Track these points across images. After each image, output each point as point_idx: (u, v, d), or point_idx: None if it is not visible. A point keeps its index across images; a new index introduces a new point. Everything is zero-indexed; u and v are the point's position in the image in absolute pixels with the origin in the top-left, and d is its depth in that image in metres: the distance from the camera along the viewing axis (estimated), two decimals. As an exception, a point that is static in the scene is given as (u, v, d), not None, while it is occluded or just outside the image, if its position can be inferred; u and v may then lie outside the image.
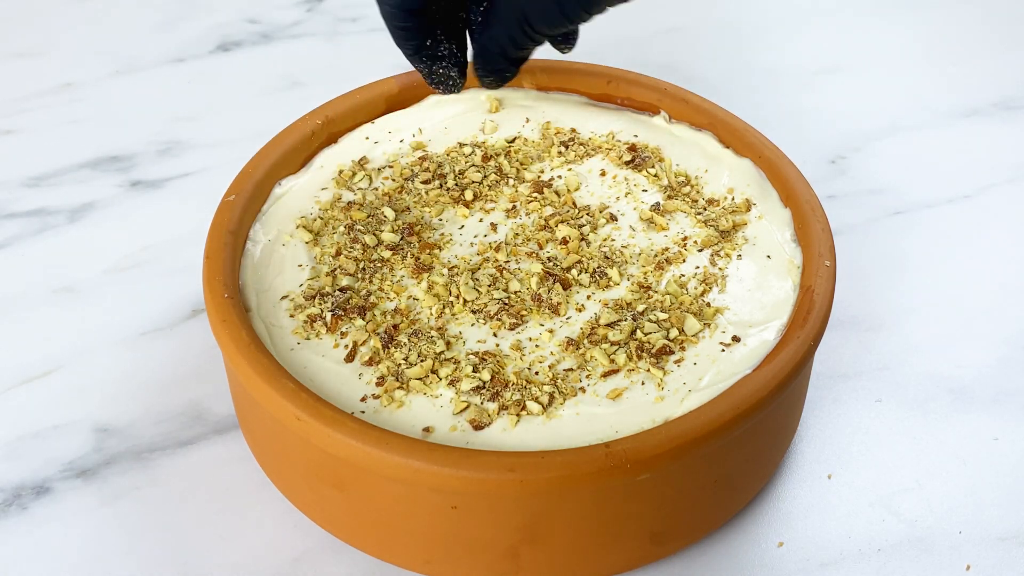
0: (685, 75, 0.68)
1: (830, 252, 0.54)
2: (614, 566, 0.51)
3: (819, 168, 0.73)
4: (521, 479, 0.45)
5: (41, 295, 0.65)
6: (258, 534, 0.53)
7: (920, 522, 0.54)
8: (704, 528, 0.52)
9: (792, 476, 0.56)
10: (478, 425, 0.48)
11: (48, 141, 0.75)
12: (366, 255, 0.55)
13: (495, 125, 0.62)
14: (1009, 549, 0.53)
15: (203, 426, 0.57)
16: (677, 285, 0.53)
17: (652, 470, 0.46)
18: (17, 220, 0.69)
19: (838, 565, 0.52)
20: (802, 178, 0.58)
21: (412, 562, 0.50)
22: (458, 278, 0.54)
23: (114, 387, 0.59)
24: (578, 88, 0.64)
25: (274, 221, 0.57)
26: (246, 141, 0.70)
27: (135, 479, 0.55)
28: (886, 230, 0.69)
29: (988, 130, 0.77)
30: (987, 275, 0.66)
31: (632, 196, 0.58)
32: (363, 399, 0.49)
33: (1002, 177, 0.73)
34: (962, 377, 0.60)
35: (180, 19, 0.87)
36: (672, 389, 0.49)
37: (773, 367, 0.49)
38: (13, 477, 0.55)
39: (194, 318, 0.63)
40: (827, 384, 0.60)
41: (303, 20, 0.87)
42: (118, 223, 0.69)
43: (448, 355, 0.50)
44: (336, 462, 0.48)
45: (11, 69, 0.82)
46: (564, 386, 0.49)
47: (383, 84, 0.63)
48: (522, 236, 0.56)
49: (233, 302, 0.51)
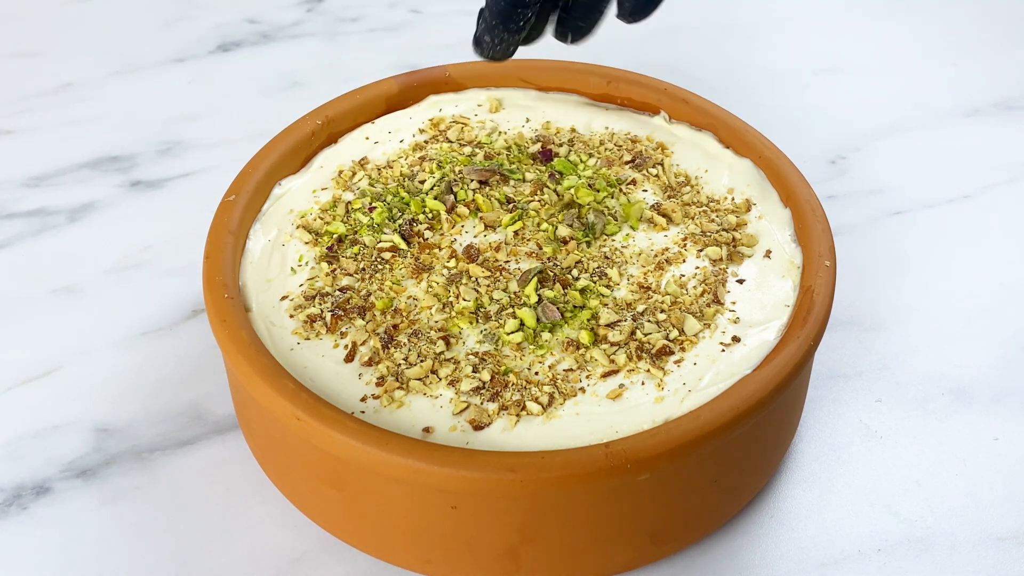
0: (685, 75, 0.68)
1: (830, 252, 0.54)
2: (614, 566, 0.51)
3: (819, 168, 0.73)
4: (521, 479, 0.45)
5: (41, 295, 0.65)
6: (258, 534, 0.53)
7: (920, 522, 0.54)
8: (704, 528, 0.52)
9: (792, 476, 0.56)
10: (478, 425, 0.48)
11: (48, 141, 0.75)
12: (366, 255, 0.55)
13: (495, 125, 0.62)
14: (1009, 549, 0.53)
15: (203, 426, 0.57)
16: (677, 285, 0.53)
17: (652, 470, 0.46)
18: (17, 220, 0.69)
19: (838, 565, 0.52)
20: (802, 178, 0.58)
21: (412, 562, 0.50)
22: (458, 278, 0.54)
23: (114, 387, 0.59)
24: (578, 88, 0.64)
25: (274, 221, 0.57)
26: (246, 141, 0.70)
27: (135, 479, 0.55)
28: (886, 230, 0.69)
29: (988, 130, 0.77)
30: (987, 275, 0.66)
31: (632, 196, 0.58)
32: (363, 399, 0.49)
33: (1002, 177, 0.73)
34: (962, 377, 0.60)
35: (180, 19, 0.87)
36: (672, 389, 0.49)
37: (773, 367, 0.49)
38: (13, 477, 0.55)
39: (194, 318, 0.63)
40: (827, 384, 0.60)
41: (303, 20, 0.87)
42: (118, 223, 0.69)
43: (448, 355, 0.50)
44: (336, 462, 0.48)
45: (11, 69, 0.82)
46: (564, 386, 0.49)
47: (383, 84, 0.63)
48: (522, 236, 0.56)
49: (233, 302, 0.51)
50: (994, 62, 0.84)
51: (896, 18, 0.88)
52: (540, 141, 0.61)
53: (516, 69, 0.64)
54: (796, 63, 0.83)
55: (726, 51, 0.84)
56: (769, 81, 0.81)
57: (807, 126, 0.77)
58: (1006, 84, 0.81)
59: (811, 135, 0.76)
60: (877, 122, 0.78)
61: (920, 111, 0.79)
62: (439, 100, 0.64)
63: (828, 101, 0.79)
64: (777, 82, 0.81)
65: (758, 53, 0.84)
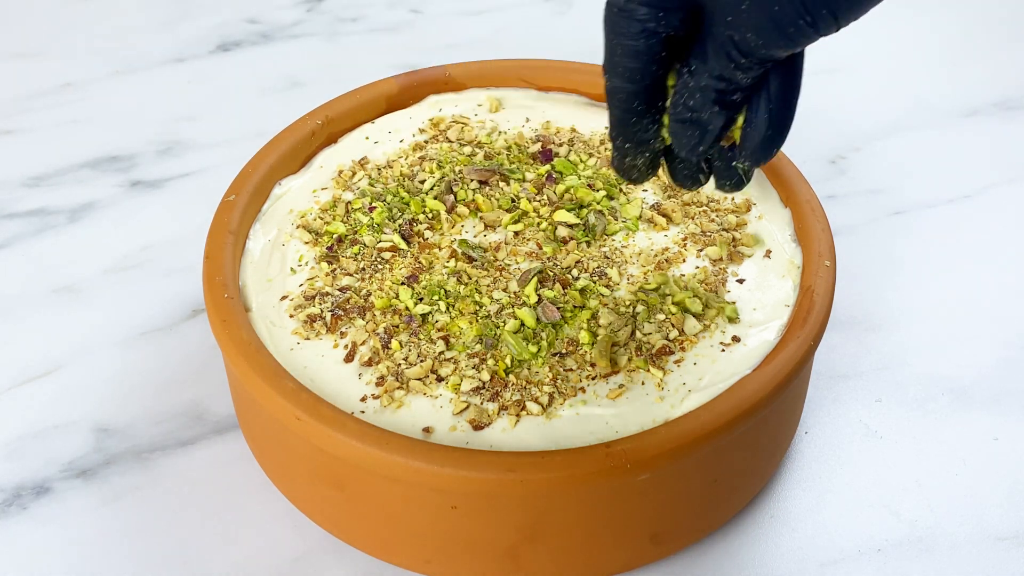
0: (685, 75, 0.68)
1: (830, 252, 0.54)
2: (614, 566, 0.51)
3: (819, 168, 0.73)
4: (521, 479, 0.45)
5: (41, 295, 0.65)
6: (258, 534, 0.53)
7: (920, 522, 0.54)
8: (704, 528, 0.52)
9: (792, 476, 0.56)
10: (478, 425, 0.48)
11: (48, 141, 0.76)
12: (366, 255, 0.55)
13: (495, 125, 0.62)
14: (1009, 549, 0.53)
15: (203, 426, 0.57)
16: (677, 285, 0.53)
17: (652, 470, 0.46)
18: (17, 220, 0.69)
19: (838, 565, 0.52)
20: (802, 178, 0.58)
21: (412, 562, 0.50)
22: (458, 278, 0.54)
23: (114, 387, 0.59)
24: (578, 88, 0.64)
25: (274, 221, 0.57)
26: (246, 141, 0.70)
27: (135, 479, 0.55)
28: (886, 230, 0.69)
29: (988, 130, 0.77)
30: (987, 275, 0.66)
31: (632, 196, 0.58)
32: (363, 399, 0.49)
33: (1002, 177, 0.73)
34: (962, 377, 0.60)
35: (180, 19, 0.87)
36: (672, 389, 0.49)
37: (773, 367, 0.49)
38: (13, 477, 0.55)
39: (194, 318, 0.63)
40: (827, 384, 0.60)
41: (303, 20, 0.87)
42: (118, 223, 0.69)
43: (448, 355, 0.50)
44: (336, 462, 0.48)
45: (11, 69, 0.82)
46: (564, 386, 0.49)
47: (383, 84, 0.63)
48: (522, 236, 0.56)
49: (233, 302, 0.51)
50: (994, 62, 0.84)
51: (896, 18, 0.88)
52: (540, 141, 0.61)
53: (516, 69, 0.65)
54: (796, 63, 0.83)
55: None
56: (769, 81, 0.81)
57: (807, 126, 0.76)
58: (1006, 84, 0.81)
59: (811, 135, 0.76)
60: (877, 122, 0.78)
61: (920, 111, 0.79)
62: (439, 100, 0.64)
63: (828, 101, 0.79)
64: (777, 82, 0.81)
65: (758, 53, 0.84)
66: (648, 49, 0.41)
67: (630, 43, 0.41)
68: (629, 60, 0.42)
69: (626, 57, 0.41)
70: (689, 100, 0.41)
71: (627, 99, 0.43)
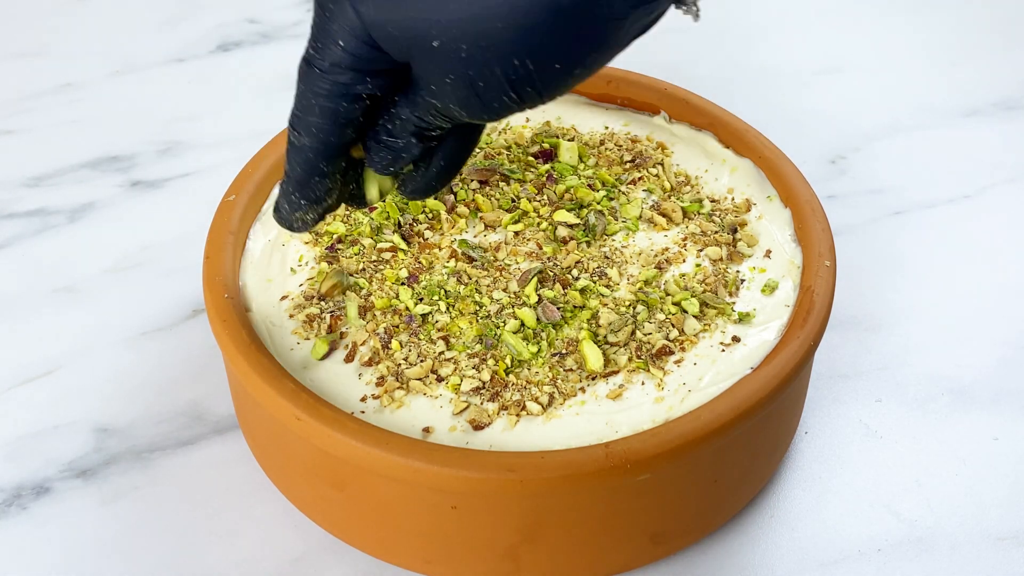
0: (685, 75, 0.68)
1: (830, 252, 0.54)
2: (614, 566, 0.51)
3: (819, 168, 0.73)
4: (521, 479, 0.45)
5: (41, 295, 0.65)
6: (258, 534, 0.53)
7: (920, 522, 0.54)
8: (704, 528, 0.52)
9: (792, 476, 0.56)
10: (478, 425, 0.48)
11: (48, 141, 0.75)
12: (366, 255, 0.55)
13: (495, 124, 0.62)
14: (1009, 549, 0.53)
15: (203, 426, 0.57)
16: (677, 285, 0.53)
17: (652, 470, 0.46)
18: (17, 220, 0.69)
19: (838, 565, 0.52)
20: (802, 178, 0.58)
21: (412, 562, 0.50)
22: (458, 278, 0.54)
23: (114, 387, 0.59)
24: (578, 88, 0.64)
25: (274, 221, 0.57)
26: (246, 141, 0.70)
27: (135, 479, 0.55)
28: (886, 230, 0.69)
29: (988, 130, 0.77)
30: (987, 275, 0.66)
31: (632, 196, 0.58)
32: (363, 399, 0.49)
33: (1002, 177, 0.73)
34: (962, 377, 0.60)
35: (180, 19, 0.87)
36: (672, 389, 0.49)
37: (773, 367, 0.49)
38: (13, 477, 0.55)
39: (194, 318, 0.63)
40: (827, 384, 0.60)
41: (303, 20, 0.87)
42: (118, 223, 0.69)
43: (448, 355, 0.50)
44: (336, 462, 0.48)
45: (11, 69, 0.82)
46: (564, 386, 0.49)
47: (383, 84, 0.63)
48: (522, 236, 0.56)
49: (233, 302, 0.51)
50: (994, 62, 0.84)
51: (896, 18, 0.88)
52: (540, 141, 0.61)
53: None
54: (796, 63, 0.83)
55: (726, 51, 0.84)
56: (769, 81, 0.81)
57: (807, 126, 0.77)
58: (1006, 84, 0.81)
59: (811, 135, 0.76)
60: (877, 122, 0.78)
61: (920, 111, 0.79)
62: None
63: (828, 101, 0.79)
64: (777, 82, 0.81)
65: (758, 53, 0.84)
66: (347, 112, 0.40)
67: (328, 105, 0.40)
68: (326, 121, 0.40)
69: (323, 118, 0.40)
70: (388, 124, 0.41)
71: (314, 158, 0.42)
